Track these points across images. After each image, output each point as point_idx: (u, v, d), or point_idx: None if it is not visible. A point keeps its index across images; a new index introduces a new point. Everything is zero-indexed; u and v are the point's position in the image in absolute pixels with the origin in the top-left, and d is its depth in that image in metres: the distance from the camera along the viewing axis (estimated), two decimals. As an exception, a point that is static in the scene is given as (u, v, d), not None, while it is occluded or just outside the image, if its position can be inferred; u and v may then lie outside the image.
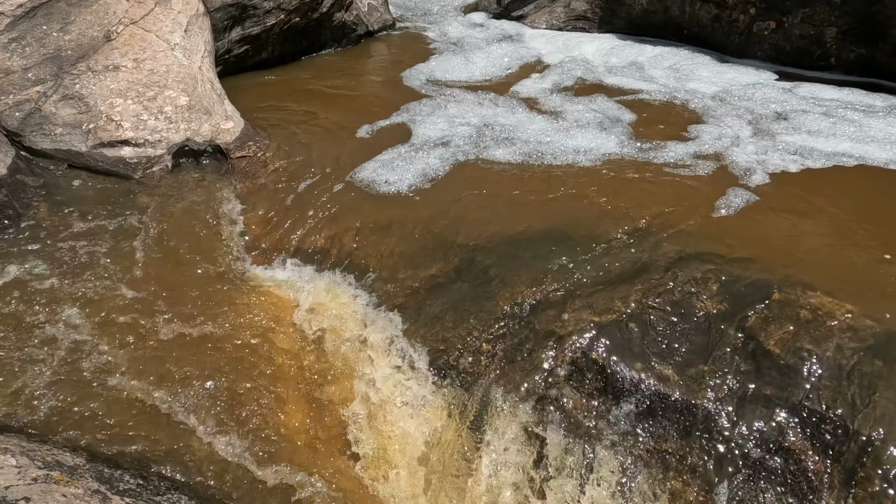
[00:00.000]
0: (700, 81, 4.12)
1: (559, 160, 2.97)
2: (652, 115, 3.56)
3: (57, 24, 3.37)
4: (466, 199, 2.62)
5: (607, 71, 4.30)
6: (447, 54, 4.45)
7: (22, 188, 2.82)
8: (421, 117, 3.36)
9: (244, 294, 2.29)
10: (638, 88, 3.96)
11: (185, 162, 3.08)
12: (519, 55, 4.49)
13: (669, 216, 2.51)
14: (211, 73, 3.51)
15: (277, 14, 4.08)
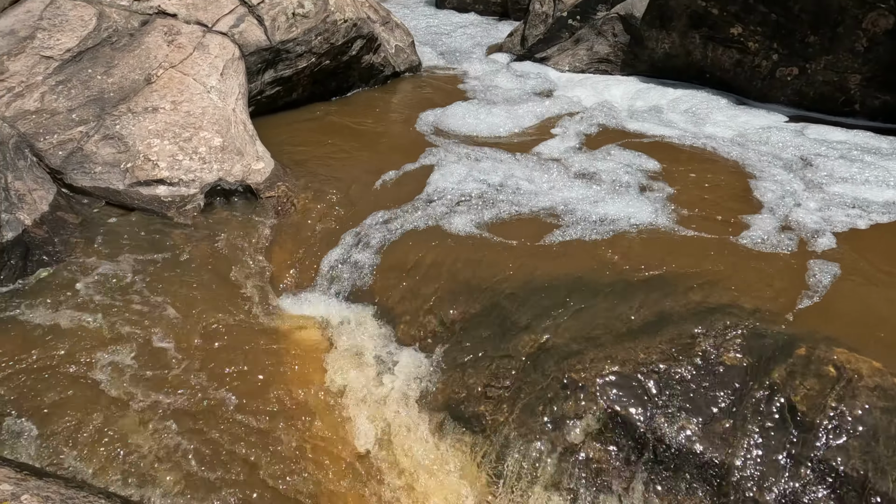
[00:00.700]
0: (727, 128, 4.12)
1: (587, 228, 2.86)
2: (689, 170, 3.43)
3: (101, 67, 3.54)
4: (487, 248, 2.66)
5: (633, 118, 4.30)
6: (470, 97, 4.54)
7: (62, 224, 2.94)
8: (440, 168, 3.35)
9: (272, 339, 2.34)
10: (668, 137, 3.92)
11: (217, 201, 3.18)
12: (542, 101, 4.52)
13: (690, 267, 2.51)
14: (244, 115, 3.64)
15: (309, 57, 4.23)
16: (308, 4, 4.19)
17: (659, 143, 3.82)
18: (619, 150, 3.65)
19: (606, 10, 5.26)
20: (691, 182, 3.30)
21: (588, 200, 3.09)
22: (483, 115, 4.18)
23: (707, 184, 3.30)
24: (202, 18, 3.90)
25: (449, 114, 4.14)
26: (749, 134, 3.98)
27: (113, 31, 3.70)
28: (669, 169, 3.43)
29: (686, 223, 2.86)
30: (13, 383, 2.09)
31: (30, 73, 3.42)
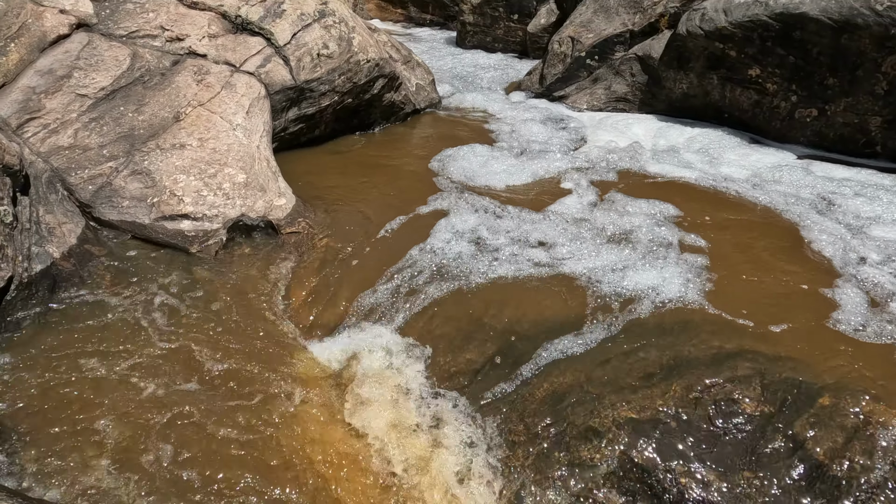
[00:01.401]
0: (749, 169, 4.09)
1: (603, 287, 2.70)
2: (725, 222, 3.27)
3: (133, 105, 3.67)
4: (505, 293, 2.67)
5: (656, 161, 4.23)
6: (489, 136, 4.60)
7: (89, 257, 3.01)
8: (453, 215, 3.29)
9: (291, 376, 2.35)
10: (692, 182, 3.83)
11: (238, 236, 3.24)
12: (559, 142, 4.54)
13: (709, 311, 2.49)
14: (268, 152, 3.73)
15: (332, 96, 4.35)
16: (332, 45, 4.32)
17: (684, 188, 3.76)
18: (644, 201, 3.52)
19: (624, 51, 5.34)
20: (729, 237, 3.07)
21: (615, 268, 2.79)
22: (499, 157, 4.17)
23: (748, 235, 3.09)
24: (230, 59, 4.04)
25: (466, 155, 4.16)
26: (779, 176, 3.95)
27: (145, 71, 3.85)
28: (702, 222, 3.26)
29: (742, 304, 2.48)
30: (32, 415, 2.12)
31: (65, 110, 3.56)
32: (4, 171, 2.86)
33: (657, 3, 5.17)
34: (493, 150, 4.27)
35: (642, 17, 5.24)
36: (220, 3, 4.30)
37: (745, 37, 4.41)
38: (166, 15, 4.19)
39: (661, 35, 5.10)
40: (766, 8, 4.27)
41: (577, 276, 2.76)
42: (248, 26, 4.21)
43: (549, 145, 4.45)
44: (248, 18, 4.21)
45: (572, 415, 2.12)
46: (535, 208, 3.42)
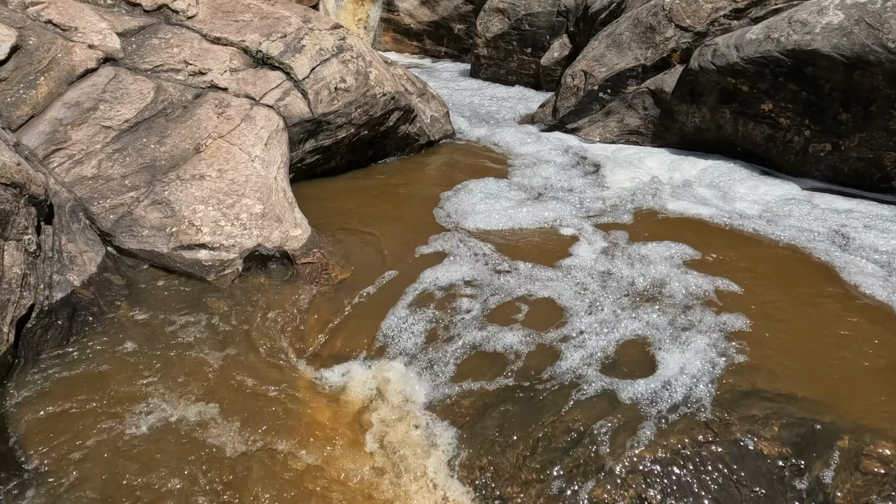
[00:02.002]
0: (772, 209, 3.99)
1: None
2: (764, 270, 3.08)
3: (155, 137, 3.77)
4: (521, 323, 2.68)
5: (675, 198, 4.14)
6: (502, 169, 4.63)
7: (108, 286, 3.07)
8: (453, 260, 3.20)
9: (305, 407, 2.36)
10: (716, 221, 3.74)
11: (254, 266, 3.28)
12: (573, 177, 4.54)
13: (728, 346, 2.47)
14: (284, 183, 3.79)
15: (348, 128, 4.43)
16: (350, 79, 4.42)
17: (703, 227, 3.67)
18: (666, 244, 3.32)
19: (636, 85, 5.41)
20: (766, 283, 2.92)
21: (640, 339, 2.49)
22: (510, 194, 4.12)
23: (785, 279, 2.93)
24: (251, 92, 4.15)
25: (477, 191, 4.14)
26: (789, 210, 3.94)
27: (168, 104, 3.96)
28: (735, 267, 3.07)
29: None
30: (51, 443, 2.14)
31: (90, 141, 3.66)
32: (30, 202, 2.93)
33: (669, 38, 5.24)
34: (505, 185, 4.27)
35: (654, 52, 5.31)
36: (241, 38, 4.43)
37: (757, 72, 4.45)
38: (190, 50, 4.33)
39: (674, 70, 5.16)
40: (778, 44, 4.31)
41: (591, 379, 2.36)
42: (268, 61, 4.33)
43: (561, 181, 4.45)
44: (269, 53, 4.33)
45: (581, 456, 2.10)
46: (545, 259, 3.18)
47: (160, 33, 4.48)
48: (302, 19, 4.73)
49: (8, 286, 2.58)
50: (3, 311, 2.50)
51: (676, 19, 5.24)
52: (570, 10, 7.45)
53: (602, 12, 6.58)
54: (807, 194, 4.17)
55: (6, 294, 2.56)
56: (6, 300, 2.54)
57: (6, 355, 2.45)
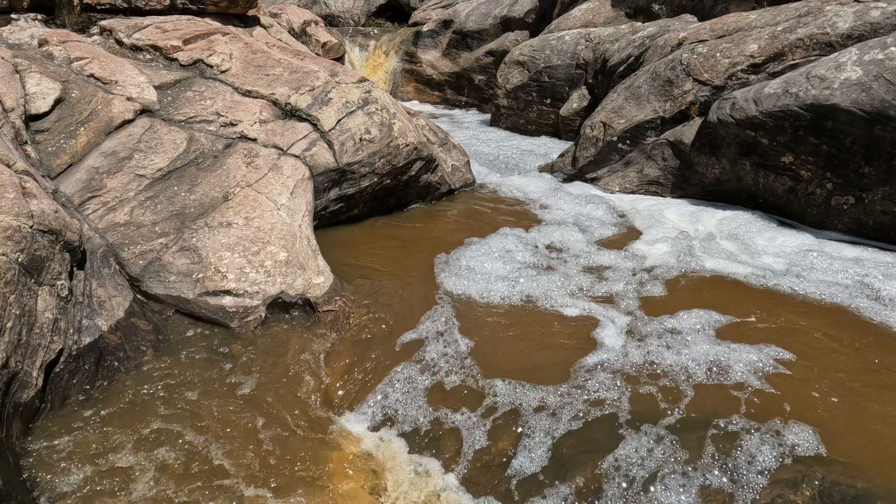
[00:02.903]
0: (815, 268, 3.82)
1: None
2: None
3: (186, 185, 3.90)
4: (540, 377, 2.66)
5: (707, 255, 4.01)
6: (519, 222, 4.64)
7: (134, 331, 3.12)
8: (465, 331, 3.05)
9: (326, 458, 2.35)
10: (748, 281, 3.63)
11: (277, 313, 3.32)
12: (592, 231, 4.49)
13: (759, 409, 2.42)
14: (308, 231, 3.87)
15: (371, 177, 4.54)
16: (374, 131, 4.55)
17: (735, 287, 3.55)
18: (696, 313, 3.07)
19: (655, 136, 5.47)
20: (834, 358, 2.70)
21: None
22: (525, 253, 4.00)
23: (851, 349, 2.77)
24: (279, 143, 4.29)
25: (491, 249, 4.03)
26: (813, 263, 3.89)
27: (200, 153, 4.10)
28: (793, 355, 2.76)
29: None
30: (75, 492, 2.15)
31: (124, 189, 3.79)
32: (65, 248, 3.03)
33: (687, 91, 5.33)
34: (522, 241, 4.18)
35: (673, 105, 5.39)
36: (272, 91, 4.62)
37: (776, 126, 4.49)
38: (222, 102, 4.51)
39: (692, 122, 5.23)
40: (797, 99, 4.36)
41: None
42: (296, 113, 4.49)
43: (580, 241, 4.30)
44: (297, 106, 4.49)
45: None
46: (553, 360, 2.76)
47: (195, 86, 4.69)
48: (329, 73, 4.92)
49: (39, 331, 2.64)
50: (34, 355, 2.56)
51: (694, 73, 5.34)
52: (588, 63, 7.63)
53: (620, 65, 6.74)
54: (833, 247, 4.12)
55: (37, 338, 2.62)
56: (37, 344, 2.60)
57: (34, 399, 2.49)
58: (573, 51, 7.87)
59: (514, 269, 3.79)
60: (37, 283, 2.75)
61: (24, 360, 2.48)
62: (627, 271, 3.81)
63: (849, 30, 4.74)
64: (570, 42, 7.97)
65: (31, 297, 2.68)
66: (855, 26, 4.72)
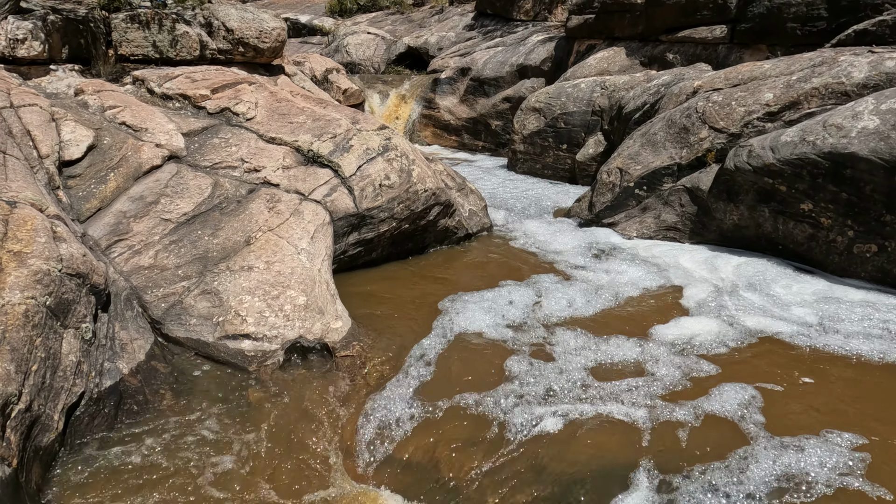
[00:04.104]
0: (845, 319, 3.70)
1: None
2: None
3: (209, 229, 3.98)
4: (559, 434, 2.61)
5: (742, 312, 3.82)
6: (536, 270, 4.61)
7: (154, 374, 3.14)
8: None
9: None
10: (795, 345, 3.39)
11: (295, 357, 3.33)
12: (611, 283, 4.37)
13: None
14: (327, 275, 3.91)
15: (390, 222, 4.60)
16: (394, 177, 4.64)
17: (794, 358, 3.28)
18: (744, 396, 2.79)
19: (672, 182, 5.50)
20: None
21: None
22: (542, 310, 3.90)
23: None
24: (300, 188, 4.39)
25: (511, 299, 3.98)
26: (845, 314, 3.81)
27: (224, 198, 4.21)
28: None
29: None
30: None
31: (149, 233, 3.89)
32: (91, 291, 3.09)
33: (703, 139, 5.37)
34: (538, 293, 4.09)
35: (689, 152, 5.43)
36: (295, 138, 4.75)
37: (794, 173, 4.49)
38: (247, 149, 4.64)
39: (709, 169, 5.25)
40: (814, 147, 4.37)
41: None
42: (318, 159, 4.60)
43: (597, 299, 4.11)
44: (319, 153, 4.61)
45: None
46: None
47: (221, 133, 4.84)
48: (351, 121, 5.06)
49: (63, 374, 2.68)
50: (56, 398, 2.58)
51: (710, 121, 5.40)
52: (604, 110, 7.75)
53: (636, 112, 6.83)
54: (863, 297, 4.04)
55: (60, 381, 2.65)
56: (60, 387, 2.63)
57: (54, 443, 2.50)
58: (589, 98, 8.01)
59: (522, 339, 3.54)
60: (62, 325, 2.80)
61: (46, 404, 2.51)
62: (656, 341, 3.47)
63: (864, 80, 4.78)
64: (585, 89, 8.12)
65: (57, 340, 2.72)
66: (870, 76, 4.76)
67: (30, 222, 3.03)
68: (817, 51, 5.85)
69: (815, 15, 6.54)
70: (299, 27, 18.50)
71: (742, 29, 7.34)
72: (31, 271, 2.73)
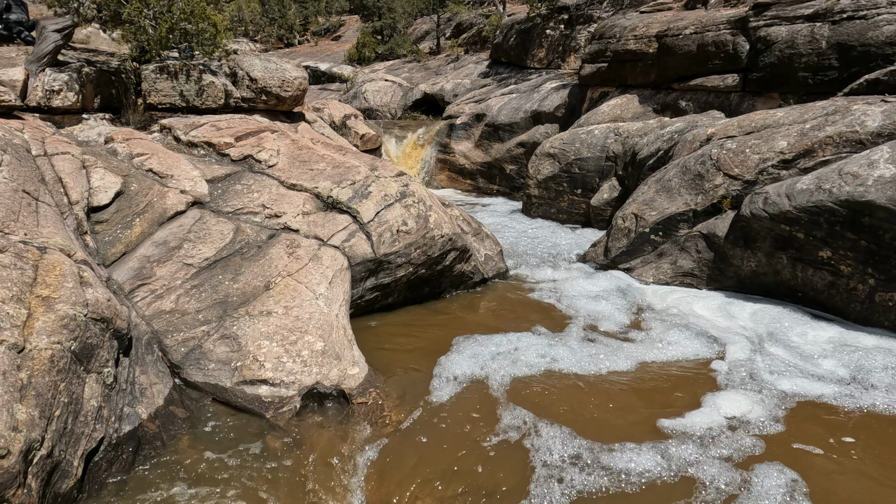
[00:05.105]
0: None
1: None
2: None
3: (230, 274, 4.05)
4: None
5: (773, 371, 3.63)
6: (551, 318, 4.58)
7: (172, 420, 3.15)
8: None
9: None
10: (833, 406, 3.23)
11: (311, 404, 3.33)
12: (629, 329, 4.32)
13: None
14: (345, 320, 3.94)
15: (407, 267, 4.64)
16: (411, 222, 4.71)
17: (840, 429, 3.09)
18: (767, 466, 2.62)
19: (688, 228, 5.51)
20: None
21: None
22: (556, 362, 3.81)
23: None
24: (319, 234, 4.46)
25: (523, 350, 3.90)
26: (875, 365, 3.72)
27: (245, 244, 4.29)
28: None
29: None
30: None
31: (172, 277, 3.96)
32: (114, 335, 3.14)
33: (718, 185, 5.41)
34: (552, 344, 4.01)
35: (704, 198, 5.46)
36: (315, 185, 4.86)
37: (811, 220, 4.49)
38: (268, 195, 4.76)
39: (725, 215, 5.27)
40: (830, 195, 4.38)
41: None
42: (337, 205, 4.69)
43: (616, 351, 3.98)
44: (339, 199, 4.71)
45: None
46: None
47: (243, 180, 4.97)
48: (370, 168, 5.17)
49: (84, 419, 2.70)
50: (77, 444, 2.60)
51: (724, 168, 5.44)
52: (618, 156, 7.84)
53: (650, 158, 6.91)
54: (875, 342, 3.99)
55: (81, 427, 2.67)
56: (80, 433, 2.65)
57: (72, 490, 2.50)
58: (603, 144, 8.12)
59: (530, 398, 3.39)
60: (85, 370, 2.84)
61: (66, 450, 2.52)
62: (690, 444, 2.95)
63: (878, 128, 4.81)
64: (599, 136, 8.24)
65: (80, 385, 2.76)
66: (884, 125, 4.80)
67: (58, 267, 3.11)
68: (830, 99, 5.92)
69: (826, 64, 6.64)
70: (319, 74, 19.10)
71: (754, 78, 7.46)
72: (58, 316, 2.79)
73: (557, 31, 13.72)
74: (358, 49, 20.01)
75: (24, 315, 2.69)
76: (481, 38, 17.28)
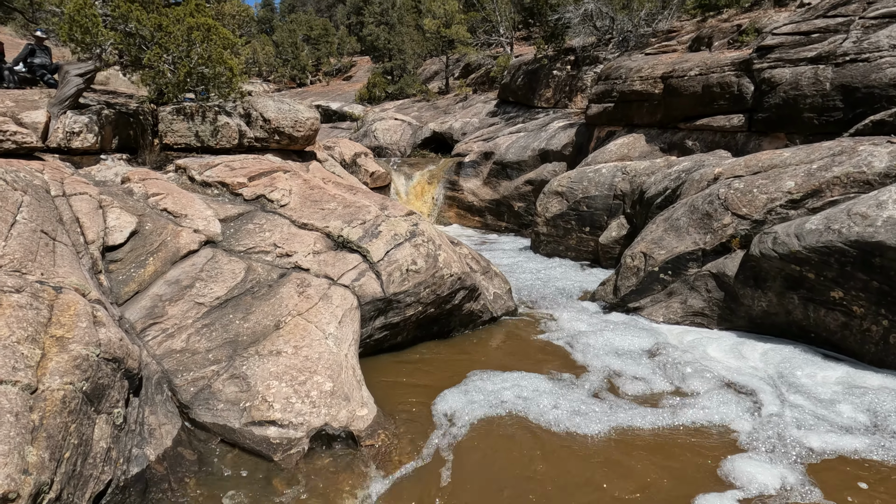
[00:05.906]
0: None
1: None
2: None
3: (241, 313, 4.07)
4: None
5: (800, 425, 3.45)
6: (558, 362, 4.56)
7: (179, 461, 3.14)
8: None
9: None
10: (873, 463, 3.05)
11: (319, 446, 3.30)
12: (645, 384, 4.18)
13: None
14: (354, 360, 3.93)
15: (416, 306, 4.65)
16: (420, 262, 4.74)
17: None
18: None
19: (698, 267, 5.50)
20: None
21: None
22: (560, 420, 3.66)
23: None
24: (330, 273, 4.50)
25: (529, 395, 3.85)
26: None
27: (256, 283, 4.33)
28: None
29: None
30: None
31: (183, 316, 3.99)
32: (125, 375, 3.16)
33: (727, 225, 5.42)
34: (558, 391, 3.92)
35: (713, 238, 5.47)
36: (326, 224, 4.92)
37: (821, 261, 4.47)
38: (280, 234, 4.82)
39: (734, 255, 5.26)
40: (840, 235, 4.38)
41: None
42: (347, 244, 4.74)
43: (629, 407, 3.83)
44: (349, 238, 4.76)
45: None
46: None
47: (255, 219, 5.05)
48: (380, 207, 5.24)
49: (93, 461, 2.69)
50: (85, 486, 2.59)
51: (733, 208, 5.46)
52: (625, 195, 7.90)
53: (657, 197, 6.95)
54: (880, 382, 3.92)
55: (90, 469, 2.66)
56: (89, 475, 2.64)
57: (78, 535, 2.48)
58: (610, 182, 8.19)
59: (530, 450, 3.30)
60: (96, 411, 2.85)
61: (75, 493, 2.51)
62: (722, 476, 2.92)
63: (885, 169, 4.84)
64: (607, 174, 8.32)
65: (90, 426, 2.76)
66: (891, 165, 4.82)
67: (73, 307, 3.15)
68: (836, 140, 5.97)
69: (831, 105, 6.72)
70: (330, 113, 19.51)
71: (759, 118, 7.55)
72: (71, 356, 2.82)
73: (564, 71, 14.00)
74: (368, 89, 20.47)
75: (38, 355, 2.71)
76: (489, 79, 17.65)
